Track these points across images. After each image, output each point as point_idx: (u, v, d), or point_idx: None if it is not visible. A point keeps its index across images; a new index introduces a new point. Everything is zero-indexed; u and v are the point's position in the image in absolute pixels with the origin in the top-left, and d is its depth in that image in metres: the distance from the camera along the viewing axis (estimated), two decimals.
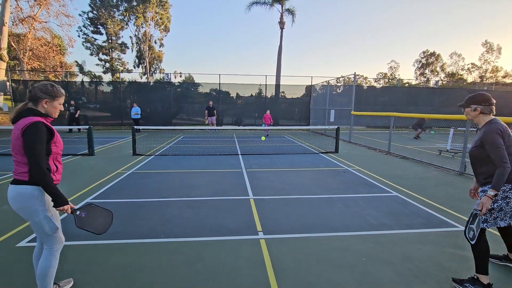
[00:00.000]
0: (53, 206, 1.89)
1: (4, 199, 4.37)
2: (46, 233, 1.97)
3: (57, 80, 25.48)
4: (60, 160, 2.06)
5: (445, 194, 4.91)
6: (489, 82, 38.10)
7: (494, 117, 2.34)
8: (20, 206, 1.92)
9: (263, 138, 11.76)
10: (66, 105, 16.21)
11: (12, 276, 2.46)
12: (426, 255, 2.84)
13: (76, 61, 36.71)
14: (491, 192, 2.18)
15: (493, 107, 2.31)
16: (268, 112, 13.77)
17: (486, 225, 2.30)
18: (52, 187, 1.85)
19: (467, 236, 2.28)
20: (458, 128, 10.34)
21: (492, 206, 2.26)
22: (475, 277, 2.30)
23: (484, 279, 2.26)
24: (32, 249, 2.89)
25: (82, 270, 2.54)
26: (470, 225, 2.26)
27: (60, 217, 3.61)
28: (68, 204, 1.90)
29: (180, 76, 36.20)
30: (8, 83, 16.50)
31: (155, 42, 35.60)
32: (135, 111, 15.13)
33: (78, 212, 1.98)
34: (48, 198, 1.91)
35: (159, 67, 37.30)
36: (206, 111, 14.87)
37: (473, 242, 2.24)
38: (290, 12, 22.07)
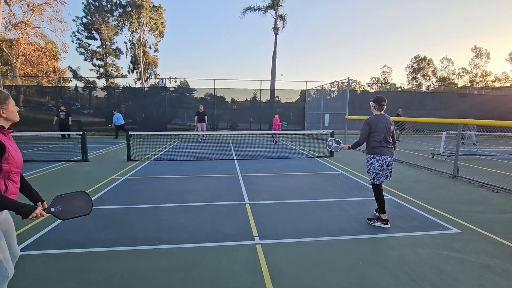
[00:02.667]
0: (22, 218, 1.70)
1: None
2: None
3: (50, 85, 25.23)
4: (14, 179, 1.81)
5: (439, 197, 4.96)
6: (479, 86, 38.89)
7: (380, 113, 3.74)
8: None
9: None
10: (55, 110, 16.05)
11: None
12: (422, 258, 2.86)
13: (69, 67, 36.43)
14: (349, 146, 4.06)
15: (383, 107, 3.73)
16: (277, 116, 12.60)
17: (376, 181, 3.69)
18: (6, 203, 1.62)
19: (327, 142, 4.41)
20: (450, 132, 10.50)
21: (368, 169, 3.78)
22: (378, 215, 3.75)
23: (384, 216, 3.66)
24: (26, 257, 2.84)
25: (76, 278, 2.49)
26: (332, 140, 4.37)
27: (49, 227, 3.56)
28: (37, 207, 1.74)
29: (175, 81, 36.22)
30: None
31: (150, 48, 35.62)
32: (118, 118, 14.45)
33: (53, 209, 1.85)
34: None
35: (154, 72, 37.25)
36: (196, 117, 13.65)
37: (328, 148, 4.43)
38: (282, 18, 22.34)
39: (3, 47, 23.09)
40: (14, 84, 19.52)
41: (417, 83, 43.05)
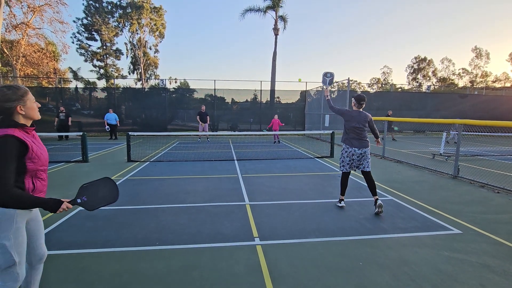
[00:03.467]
0: (51, 212, 1.67)
1: None
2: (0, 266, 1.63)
3: (50, 86, 25.25)
4: (42, 177, 1.79)
5: (439, 197, 4.96)
6: (479, 86, 38.89)
7: (358, 110, 4.23)
8: None
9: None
10: (55, 111, 16.04)
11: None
12: (422, 259, 2.86)
13: (70, 68, 36.49)
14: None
15: (362, 105, 4.22)
16: (276, 116, 12.73)
17: (341, 169, 4.37)
18: (30, 202, 1.61)
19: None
20: (451, 132, 10.49)
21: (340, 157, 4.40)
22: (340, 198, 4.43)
23: (341, 197, 4.40)
24: None
25: (76, 279, 2.49)
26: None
27: (50, 228, 3.56)
28: (63, 202, 1.70)
29: (175, 82, 36.21)
30: None
31: (150, 48, 35.66)
32: (114, 118, 14.19)
33: (79, 200, 1.81)
34: (12, 224, 1.63)
35: (154, 73, 37.30)
36: (198, 117, 13.60)
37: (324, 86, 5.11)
38: (282, 18, 22.36)
39: (3, 48, 23.13)
40: None
41: (418, 84, 43.05)
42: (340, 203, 4.36)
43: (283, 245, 3.15)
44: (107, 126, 14.15)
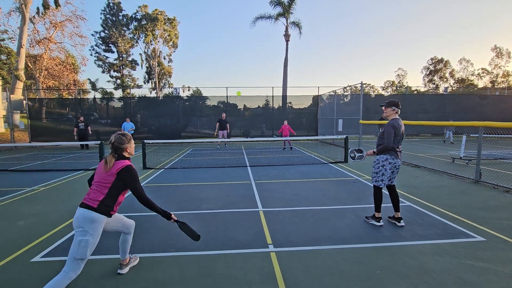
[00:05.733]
0: (166, 219, 2.52)
1: (20, 215, 4.47)
2: (74, 256, 2.15)
3: (70, 97, 26.33)
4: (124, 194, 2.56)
5: (460, 203, 4.76)
6: (500, 86, 37.38)
7: (398, 117, 3.75)
8: (79, 224, 2.25)
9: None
10: (75, 121, 16.67)
11: None
12: (444, 268, 2.74)
13: (88, 79, 38.01)
14: (374, 150, 3.89)
15: (399, 110, 3.78)
16: (285, 122, 12.40)
17: (379, 184, 3.81)
18: (155, 207, 2.52)
19: (349, 155, 4.20)
20: (471, 135, 10.11)
21: (378, 170, 3.78)
22: (374, 214, 3.90)
23: (378, 215, 3.85)
24: (46, 264, 2.94)
25: (91, 285, 2.54)
26: (353, 151, 4.08)
27: (67, 236, 3.67)
28: (171, 215, 2.55)
29: (188, 90, 37.02)
30: (24, 102, 17.14)
31: (164, 58, 36.69)
32: (130, 127, 14.18)
33: (178, 223, 2.61)
34: (100, 228, 2.32)
35: (168, 82, 38.24)
36: (218, 124, 13.73)
37: (352, 160, 4.40)
38: (296, 24, 22.46)
39: (28, 62, 24.40)
40: (37, 97, 20.53)
41: (434, 86, 41.88)
42: (379, 222, 3.82)
43: (297, 252, 3.11)
44: None
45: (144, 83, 37.21)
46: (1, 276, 2.73)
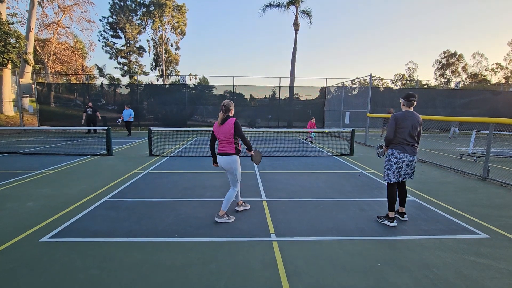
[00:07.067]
0: (248, 151, 3.68)
1: (29, 197, 4.59)
2: (236, 180, 3.64)
3: (78, 82, 26.49)
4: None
5: (466, 199, 4.72)
6: None
7: (409, 109, 3.65)
8: (228, 166, 3.55)
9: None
10: (82, 106, 16.80)
11: (34, 271, 2.57)
12: (446, 263, 2.74)
13: (96, 65, 38.10)
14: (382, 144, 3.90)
15: (412, 102, 3.62)
16: (313, 119, 12.36)
17: (385, 179, 3.73)
18: (250, 144, 3.57)
19: (376, 151, 4.05)
20: (481, 131, 9.91)
21: (385, 165, 3.73)
22: (387, 214, 3.69)
23: (391, 214, 3.64)
24: (54, 244, 3.04)
25: (99, 266, 2.62)
26: (377, 147, 3.99)
27: (76, 217, 3.75)
28: (252, 150, 3.70)
29: (195, 79, 36.87)
30: (33, 86, 17.32)
31: (171, 45, 36.42)
32: (129, 114, 14.11)
33: (253, 153, 3.73)
34: (239, 163, 3.63)
35: (175, 69, 38.09)
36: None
37: (378, 157, 4.10)
38: (306, 13, 21.94)
39: (36, 46, 24.50)
40: (46, 82, 20.69)
41: (445, 80, 40.92)
42: (393, 222, 3.59)
43: (299, 242, 3.14)
44: (119, 120, 14.50)
45: (151, 70, 37.15)
46: (11, 254, 2.82)
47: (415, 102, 3.64)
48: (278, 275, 2.51)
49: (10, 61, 14.59)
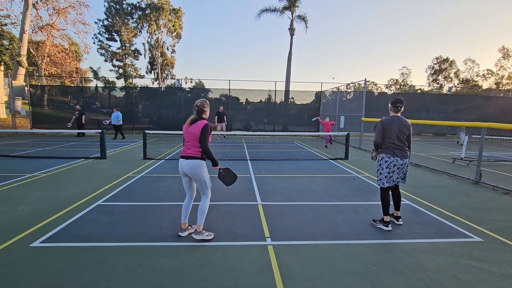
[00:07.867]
0: (212, 166, 3.27)
1: (20, 201, 4.50)
2: (206, 187, 3.27)
3: (72, 85, 26.25)
4: (186, 145, 3.32)
5: (459, 203, 4.77)
6: (505, 88, 37.11)
7: (395, 114, 3.73)
8: (193, 172, 3.21)
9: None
10: (72, 110, 16.56)
11: (24, 276, 2.51)
12: (440, 266, 2.75)
13: (91, 67, 37.85)
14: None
15: (399, 108, 3.71)
16: (327, 119, 12.50)
17: (378, 183, 3.78)
18: (212, 156, 3.17)
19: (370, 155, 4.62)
20: (473, 136, 10.07)
21: (377, 169, 3.80)
22: (382, 218, 3.71)
23: (386, 218, 3.66)
24: (45, 249, 2.98)
25: (92, 271, 2.57)
26: (371, 151, 4.02)
27: (69, 221, 3.69)
28: (218, 165, 3.29)
29: (191, 82, 36.83)
30: (26, 88, 17.10)
31: (167, 49, 36.37)
32: (116, 117, 13.82)
33: (221, 170, 3.38)
34: (205, 168, 3.25)
35: (170, 73, 38.03)
36: (216, 117, 14.04)
37: (372, 160, 4.14)
38: (302, 18, 22.16)
39: (30, 48, 24.26)
40: (39, 84, 20.46)
41: (438, 85, 41.58)
42: (387, 226, 3.61)
43: (295, 246, 3.13)
44: (106, 121, 14.28)
45: (147, 73, 37.02)
46: (1, 259, 2.76)
47: (402, 108, 3.74)
48: (274, 279, 2.50)
49: (3, 63, 14.42)
